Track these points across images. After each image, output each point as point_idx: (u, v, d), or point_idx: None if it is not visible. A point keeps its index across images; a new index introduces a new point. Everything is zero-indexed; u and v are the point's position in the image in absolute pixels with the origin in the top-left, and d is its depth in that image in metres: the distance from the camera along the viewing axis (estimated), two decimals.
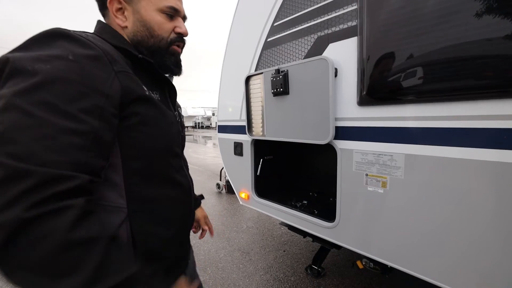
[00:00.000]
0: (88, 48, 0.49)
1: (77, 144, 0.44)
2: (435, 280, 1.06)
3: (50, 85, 0.43)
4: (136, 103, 0.55)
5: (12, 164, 0.38)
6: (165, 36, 0.66)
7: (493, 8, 0.84)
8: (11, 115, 0.40)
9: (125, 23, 0.63)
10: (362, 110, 1.23)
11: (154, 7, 0.63)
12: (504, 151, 0.85)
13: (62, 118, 0.43)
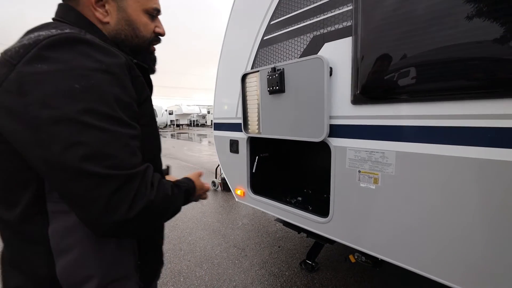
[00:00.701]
0: (113, 56, 0.51)
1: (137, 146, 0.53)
2: (424, 272, 1.11)
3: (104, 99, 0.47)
4: (143, 105, 0.58)
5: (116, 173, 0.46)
6: (148, 37, 0.65)
7: (482, 11, 0.88)
8: (92, 133, 0.44)
9: (106, 19, 0.59)
10: (355, 109, 1.26)
11: (141, 8, 0.62)
12: (491, 149, 0.90)
13: (126, 127, 0.50)
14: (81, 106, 0.44)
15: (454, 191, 1.00)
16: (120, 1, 0.59)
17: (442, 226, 1.04)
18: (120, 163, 0.47)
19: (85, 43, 0.48)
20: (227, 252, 2.53)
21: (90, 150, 0.44)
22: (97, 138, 0.44)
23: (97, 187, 0.44)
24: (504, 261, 0.92)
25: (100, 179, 0.44)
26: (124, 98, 0.50)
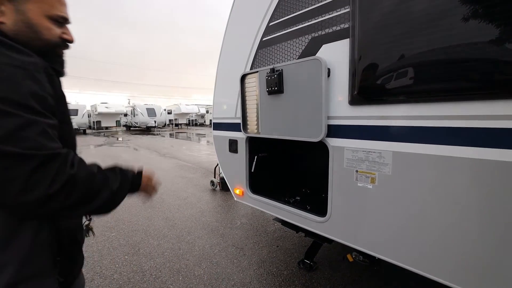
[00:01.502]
0: (26, 55, 0.56)
1: (56, 135, 0.57)
2: (420, 270, 1.13)
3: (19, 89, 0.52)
4: (59, 102, 0.63)
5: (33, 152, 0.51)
6: (53, 41, 0.68)
7: (477, 13, 0.90)
8: (6, 119, 0.49)
9: (1, 19, 0.60)
10: (353, 109, 1.28)
11: (43, 13, 0.64)
12: (485, 149, 0.92)
13: (42, 116, 0.54)
14: None
15: (449, 191, 1.01)
16: (18, 4, 0.61)
17: (438, 225, 1.06)
18: (38, 145, 0.51)
19: None
20: (226, 251, 2.54)
21: (5, 133, 0.49)
22: (12, 123, 0.49)
23: (14, 166, 0.49)
24: (499, 260, 0.94)
25: (17, 158, 0.49)
26: (39, 92, 0.54)
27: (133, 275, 2.18)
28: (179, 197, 4.20)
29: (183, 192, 4.50)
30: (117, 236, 2.90)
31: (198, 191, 4.56)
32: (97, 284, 2.07)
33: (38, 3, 0.63)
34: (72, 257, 0.75)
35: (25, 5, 0.61)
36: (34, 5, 0.62)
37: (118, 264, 2.35)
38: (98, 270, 2.25)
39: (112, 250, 2.59)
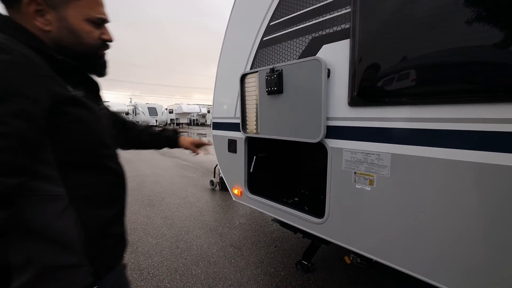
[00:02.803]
0: (5, 53, 0.50)
1: (5, 147, 0.47)
2: (417, 274, 1.12)
3: None
4: (63, 104, 0.58)
5: None
6: (93, 44, 0.68)
7: (480, 16, 0.89)
8: None
9: (47, 27, 0.61)
10: (352, 111, 1.27)
11: (83, 17, 0.64)
12: (485, 153, 0.91)
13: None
14: None
15: (447, 194, 1.01)
16: (61, 11, 0.61)
17: (436, 228, 1.05)
18: None
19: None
20: (224, 251, 2.54)
21: None
22: None
23: None
24: (497, 264, 0.93)
25: None
26: (4, 94, 0.48)
27: (131, 273, 2.18)
28: (178, 196, 4.20)
29: (182, 191, 4.50)
30: None
31: (197, 190, 4.56)
32: None
33: (78, 8, 0.63)
34: (104, 250, 0.70)
35: (66, 11, 0.62)
36: (74, 10, 0.63)
37: None
38: None
39: None
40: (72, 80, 0.63)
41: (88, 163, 0.66)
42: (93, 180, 0.67)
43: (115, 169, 0.74)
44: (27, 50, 0.54)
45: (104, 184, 0.70)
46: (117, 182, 0.75)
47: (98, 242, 0.68)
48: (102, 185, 0.69)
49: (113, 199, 0.73)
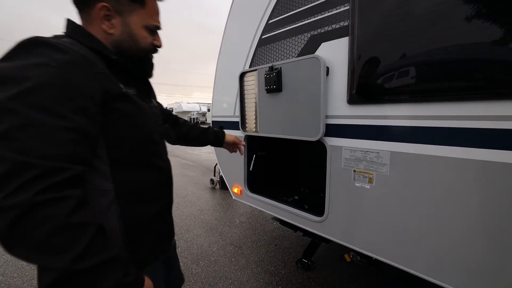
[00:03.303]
0: (66, 53, 0.54)
1: (70, 139, 0.51)
2: (417, 272, 1.12)
3: (39, 89, 0.49)
4: (114, 100, 0.62)
5: (17, 158, 0.45)
6: (146, 48, 0.74)
7: (481, 12, 0.88)
8: (9, 117, 0.46)
9: (111, 30, 0.68)
10: (351, 108, 1.27)
11: (142, 24, 0.71)
12: (485, 150, 0.90)
13: (55, 118, 0.50)
14: (14, 91, 0.47)
15: (447, 192, 1.00)
16: (126, 17, 0.68)
17: (436, 226, 1.05)
18: (23, 149, 0.46)
19: (45, 45, 0.53)
20: (224, 249, 2.55)
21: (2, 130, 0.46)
22: (10, 119, 0.46)
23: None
24: (497, 262, 0.93)
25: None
26: (66, 91, 0.52)
27: None
28: (178, 195, 4.20)
29: (182, 190, 4.50)
30: None
31: (197, 189, 4.57)
32: None
33: (140, 15, 0.70)
34: (144, 245, 0.74)
35: (129, 18, 0.69)
36: (136, 17, 0.69)
37: None
38: None
39: None
40: (124, 78, 0.67)
41: (135, 160, 0.69)
42: (139, 177, 0.70)
43: (161, 166, 0.78)
44: (85, 50, 0.60)
45: (149, 181, 0.73)
46: (162, 179, 0.79)
47: (138, 237, 0.71)
48: (146, 182, 0.73)
49: (156, 196, 0.76)
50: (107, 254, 0.52)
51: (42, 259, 0.47)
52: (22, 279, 2.13)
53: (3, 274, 2.19)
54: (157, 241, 0.79)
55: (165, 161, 0.82)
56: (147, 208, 0.73)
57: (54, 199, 0.46)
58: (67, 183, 0.49)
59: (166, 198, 0.82)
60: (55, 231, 0.46)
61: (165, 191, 0.81)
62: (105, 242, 0.53)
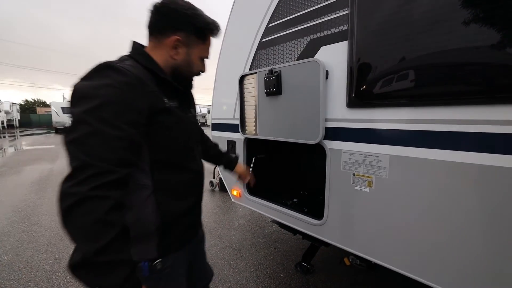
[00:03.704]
0: (126, 76, 0.68)
1: (121, 146, 0.65)
2: (418, 277, 1.11)
3: (103, 106, 0.63)
4: (158, 114, 0.75)
5: (84, 158, 0.60)
6: (195, 73, 0.92)
7: (479, 16, 0.89)
8: (82, 126, 0.62)
9: (176, 57, 0.84)
10: (351, 112, 1.27)
11: (199, 55, 0.89)
12: (484, 155, 0.90)
13: (112, 128, 0.63)
14: (86, 107, 0.63)
15: (447, 196, 1.00)
16: (189, 49, 0.86)
17: (436, 231, 1.04)
18: (90, 152, 0.61)
19: (112, 69, 0.68)
20: (223, 252, 2.53)
21: (76, 136, 0.61)
22: (82, 128, 0.62)
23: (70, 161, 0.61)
24: (499, 267, 0.92)
25: (69, 154, 0.62)
26: (121, 108, 0.66)
27: None
28: None
29: None
30: None
31: None
32: None
33: (200, 49, 0.88)
34: (172, 234, 0.85)
35: (192, 50, 0.86)
36: (197, 50, 0.87)
37: None
38: None
39: None
40: (169, 93, 0.81)
41: (172, 163, 0.83)
42: (174, 177, 0.84)
43: (194, 169, 0.92)
44: (142, 71, 0.75)
45: (182, 181, 0.87)
46: (194, 180, 0.93)
47: (168, 227, 0.83)
48: (180, 182, 0.86)
49: (188, 194, 0.90)
50: (120, 256, 0.62)
51: (77, 241, 0.60)
52: (18, 281, 2.11)
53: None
54: (184, 233, 0.91)
55: (198, 165, 0.96)
56: (180, 203, 0.86)
57: (99, 197, 0.59)
58: (112, 184, 0.62)
59: (197, 196, 0.96)
60: (93, 222, 0.58)
61: (196, 190, 0.95)
62: (123, 245, 0.64)
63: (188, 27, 0.82)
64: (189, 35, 0.83)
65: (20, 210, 3.70)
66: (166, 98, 0.78)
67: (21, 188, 4.76)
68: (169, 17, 0.80)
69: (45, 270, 2.25)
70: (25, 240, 2.80)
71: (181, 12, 0.80)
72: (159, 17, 0.81)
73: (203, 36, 0.87)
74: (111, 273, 0.60)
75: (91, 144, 0.61)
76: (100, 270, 0.59)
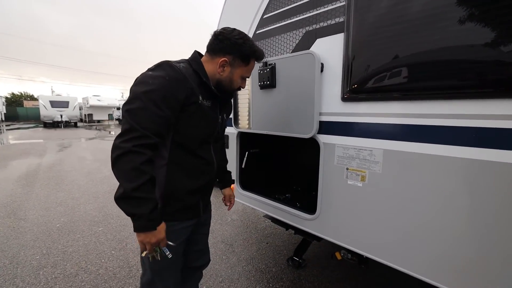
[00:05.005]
0: (176, 72, 0.91)
1: (159, 122, 0.87)
2: (408, 270, 1.12)
3: (156, 91, 0.86)
4: (189, 105, 0.94)
5: (133, 124, 0.84)
6: (235, 88, 1.10)
7: (475, 14, 0.88)
8: (137, 101, 0.85)
9: (221, 73, 1.02)
10: (345, 106, 1.26)
11: (241, 75, 1.06)
12: (478, 149, 0.91)
13: (157, 108, 0.86)
14: (143, 89, 0.86)
15: (440, 190, 1.01)
16: (233, 69, 1.03)
17: (428, 225, 1.05)
18: (138, 120, 0.84)
19: (168, 66, 0.92)
20: (215, 247, 2.52)
21: (132, 107, 0.86)
22: (137, 103, 0.85)
23: (124, 123, 0.87)
24: (491, 262, 0.93)
25: (124, 119, 0.87)
26: (167, 94, 0.87)
27: (119, 270, 2.14)
28: None
29: None
30: (104, 231, 2.84)
31: None
32: (81, 279, 2.02)
33: (242, 70, 1.05)
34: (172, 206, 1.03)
35: (235, 70, 1.03)
36: (239, 70, 1.04)
37: (104, 259, 2.30)
38: (83, 265, 2.20)
39: (98, 245, 2.53)
40: (206, 94, 1.00)
41: (187, 147, 1.00)
42: (186, 158, 1.01)
43: (205, 158, 1.07)
44: (191, 72, 0.97)
45: (193, 164, 1.04)
46: (203, 167, 1.08)
47: (171, 197, 1.01)
48: (190, 164, 1.03)
49: (195, 177, 1.05)
50: (148, 195, 0.86)
51: (120, 180, 0.83)
52: (4, 277, 2.05)
53: None
54: (184, 209, 1.06)
55: (210, 157, 1.10)
56: (185, 181, 1.03)
57: (138, 152, 0.83)
58: (148, 146, 0.85)
59: (203, 181, 1.09)
60: (132, 169, 0.82)
61: (203, 176, 1.09)
62: (151, 188, 0.87)
63: (236, 52, 1.00)
64: (235, 58, 1.01)
65: (5, 205, 3.59)
66: (202, 96, 0.98)
67: (7, 183, 4.61)
68: (223, 43, 0.99)
69: (32, 266, 2.19)
70: (11, 236, 2.71)
71: (232, 40, 0.98)
72: (216, 41, 1.00)
73: (247, 60, 1.03)
74: (141, 205, 0.84)
75: (140, 115, 0.84)
76: (134, 202, 0.84)
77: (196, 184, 1.06)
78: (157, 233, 0.91)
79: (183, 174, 1.02)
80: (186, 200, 1.06)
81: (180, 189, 1.02)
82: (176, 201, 1.03)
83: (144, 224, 0.87)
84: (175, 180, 1.01)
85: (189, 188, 1.04)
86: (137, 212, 0.85)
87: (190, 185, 1.04)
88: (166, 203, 1.01)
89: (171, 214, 1.02)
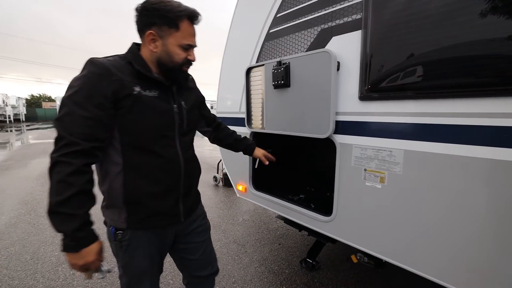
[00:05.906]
0: (98, 67, 0.82)
1: (87, 124, 0.79)
2: (432, 276, 1.07)
3: (78, 92, 0.79)
4: (123, 99, 0.84)
5: (61, 132, 0.78)
6: (180, 62, 0.93)
7: (496, 9, 0.83)
8: (64, 108, 0.79)
9: (155, 50, 0.91)
10: (363, 105, 1.22)
11: (176, 43, 0.90)
12: (503, 149, 0.85)
13: (82, 110, 0.78)
14: (68, 94, 0.80)
15: (464, 193, 0.96)
16: (164, 40, 0.89)
17: (451, 229, 1.00)
18: (65, 127, 0.78)
19: (91, 63, 0.83)
20: (227, 247, 2.52)
21: (60, 116, 0.80)
22: (63, 109, 0.79)
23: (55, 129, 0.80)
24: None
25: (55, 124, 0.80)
26: (90, 92, 0.79)
27: None
28: None
29: None
30: None
31: (200, 186, 4.54)
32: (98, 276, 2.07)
33: (175, 37, 0.89)
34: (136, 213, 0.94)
35: (167, 40, 0.89)
36: (172, 39, 0.89)
37: None
38: None
39: None
40: (147, 84, 0.89)
41: (140, 146, 0.89)
42: (143, 160, 0.90)
43: (164, 155, 0.94)
44: (121, 65, 0.86)
45: (152, 165, 0.92)
46: (166, 167, 0.95)
47: (135, 205, 0.92)
48: (149, 166, 0.92)
49: (157, 179, 0.94)
50: (75, 211, 0.78)
51: (50, 192, 0.77)
52: (25, 272, 2.13)
53: (6, 267, 2.19)
54: (150, 217, 0.96)
55: (171, 153, 0.96)
56: (148, 186, 0.92)
57: (64, 162, 0.76)
58: (76, 153, 0.77)
59: (169, 184, 0.97)
60: (58, 181, 0.76)
61: (168, 177, 0.96)
62: (80, 203, 0.79)
63: (158, 20, 0.87)
64: (161, 27, 0.87)
65: (26, 202, 3.73)
66: (141, 87, 0.87)
67: (27, 181, 4.81)
68: (143, 16, 0.88)
69: (51, 262, 2.26)
70: (32, 232, 2.82)
71: (150, 8, 0.86)
72: (137, 19, 0.90)
73: (174, 24, 0.88)
74: (66, 223, 0.77)
75: (66, 121, 0.78)
76: (59, 218, 0.77)
77: (160, 187, 0.94)
78: (84, 255, 0.80)
79: (142, 177, 0.91)
80: (153, 206, 0.94)
81: (143, 195, 0.92)
82: (142, 208, 0.93)
83: (67, 244, 0.78)
84: (135, 186, 0.90)
85: (153, 192, 0.93)
86: (62, 230, 0.77)
87: (153, 188, 0.93)
88: (131, 211, 0.92)
89: (137, 222, 0.94)
